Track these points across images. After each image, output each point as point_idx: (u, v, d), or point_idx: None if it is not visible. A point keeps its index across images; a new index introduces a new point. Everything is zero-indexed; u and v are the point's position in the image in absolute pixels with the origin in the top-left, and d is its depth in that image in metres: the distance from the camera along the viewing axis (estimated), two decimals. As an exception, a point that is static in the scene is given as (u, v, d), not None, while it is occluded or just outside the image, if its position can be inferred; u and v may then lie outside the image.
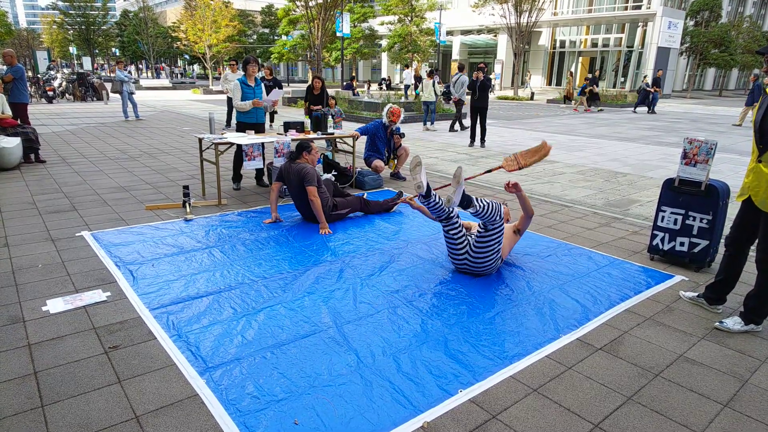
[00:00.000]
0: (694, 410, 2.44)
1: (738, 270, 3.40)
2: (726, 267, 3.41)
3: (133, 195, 6.22)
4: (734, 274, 3.40)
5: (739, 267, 3.39)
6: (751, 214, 3.18)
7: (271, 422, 2.26)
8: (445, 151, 10.38)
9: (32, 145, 8.03)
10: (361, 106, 17.06)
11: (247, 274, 3.87)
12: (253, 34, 49.58)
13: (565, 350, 2.94)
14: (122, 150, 9.54)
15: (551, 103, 25.52)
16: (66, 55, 59.42)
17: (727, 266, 3.40)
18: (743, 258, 3.37)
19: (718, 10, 34.81)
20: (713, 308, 3.49)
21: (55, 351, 2.79)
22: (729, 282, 3.42)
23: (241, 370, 2.64)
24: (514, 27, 28.15)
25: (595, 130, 14.42)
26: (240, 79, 6.49)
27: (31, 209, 5.52)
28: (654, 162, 9.44)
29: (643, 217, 5.74)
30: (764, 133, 2.98)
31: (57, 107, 18.36)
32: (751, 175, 3.11)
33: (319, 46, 20.81)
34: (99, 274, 3.82)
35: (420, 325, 3.16)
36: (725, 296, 3.48)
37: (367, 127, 7.32)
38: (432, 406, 2.40)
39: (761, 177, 3.02)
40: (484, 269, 3.87)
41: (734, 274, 3.40)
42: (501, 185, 7.21)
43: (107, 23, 54.74)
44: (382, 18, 35.77)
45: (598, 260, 4.37)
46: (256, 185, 6.93)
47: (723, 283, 3.44)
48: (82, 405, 2.35)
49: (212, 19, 30.07)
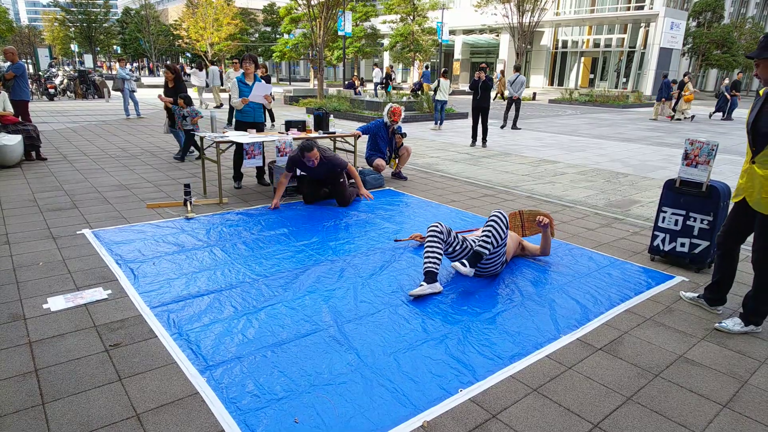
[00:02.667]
0: (694, 411, 2.44)
1: (732, 269, 3.41)
2: (719, 267, 3.44)
3: (134, 193, 6.23)
4: (729, 274, 3.42)
5: (732, 266, 3.40)
6: (743, 215, 3.20)
7: (271, 421, 2.26)
8: (447, 150, 10.38)
9: (33, 143, 8.04)
10: (363, 105, 17.07)
11: (248, 273, 3.87)
12: (254, 33, 49.56)
13: (565, 350, 2.94)
14: (123, 148, 9.54)
15: (553, 103, 25.50)
16: (67, 53, 59.43)
17: (720, 266, 3.43)
18: (735, 257, 3.40)
19: (720, 11, 34.78)
20: (713, 309, 3.49)
21: (56, 349, 2.80)
22: (725, 282, 3.44)
23: (242, 368, 2.65)
24: (516, 27, 28.13)
25: (597, 131, 14.42)
26: (238, 77, 6.50)
27: (32, 207, 5.53)
28: (655, 163, 9.44)
29: (643, 218, 5.73)
30: (757, 135, 3.01)
31: (58, 105, 18.37)
32: (745, 177, 3.14)
33: (321, 44, 20.78)
34: (100, 272, 3.83)
35: (420, 324, 3.17)
36: (725, 296, 3.49)
37: (368, 126, 7.32)
38: (432, 405, 2.40)
39: (755, 178, 3.04)
40: (487, 272, 3.87)
41: (729, 274, 3.42)
42: (501, 186, 7.21)
43: (109, 21, 54.71)
44: (384, 17, 35.76)
45: (599, 260, 4.37)
46: (257, 184, 6.93)
47: (720, 284, 3.45)
48: (83, 403, 2.36)
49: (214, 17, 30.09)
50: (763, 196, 2.99)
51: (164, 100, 8.54)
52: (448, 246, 3.72)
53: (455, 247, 3.74)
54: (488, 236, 3.63)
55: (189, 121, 8.14)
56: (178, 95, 8.15)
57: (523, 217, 4.49)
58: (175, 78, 8.56)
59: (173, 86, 8.53)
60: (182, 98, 8.09)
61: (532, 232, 4.46)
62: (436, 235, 3.65)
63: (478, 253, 3.63)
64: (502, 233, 3.67)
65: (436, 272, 3.58)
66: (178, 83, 8.53)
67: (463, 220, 5.40)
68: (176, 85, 8.51)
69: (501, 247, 3.74)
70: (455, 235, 3.75)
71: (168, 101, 8.43)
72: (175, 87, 8.48)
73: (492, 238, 3.63)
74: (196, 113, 8.17)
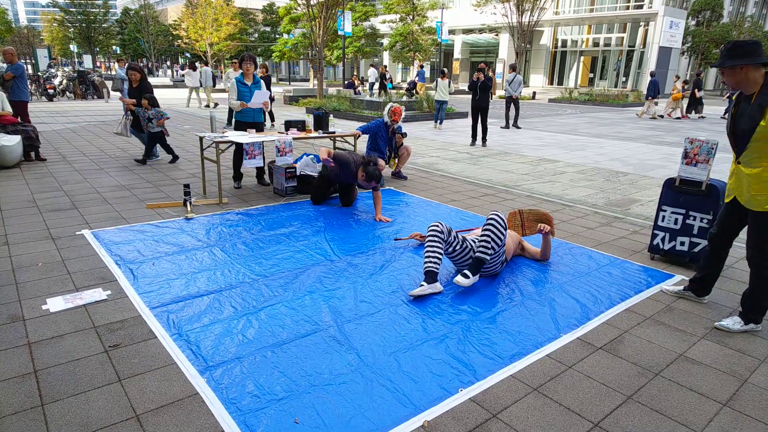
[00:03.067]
0: (694, 409, 2.44)
1: (719, 266, 3.51)
2: (708, 263, 3.51)
3: (133, 193, 6.22)
4: (716, 269, 3.51)
5: (720, 263, 3.50)
6: (733, 214, 3.28)
7: (271, 421, 2.26)
8: (447, 150, 10.37)
9: (32, 143, 8.03)
10: (363, 105, 17.07)
11: (248, 273, 3.87)
12: (254, 33, 49.55)
13: (566, 349, 2.94)
14: (123, 148, 9.54)
15: (552, 102, 25.50)
16: (66, 53, 59.39)
17: (709, 261, 3.50)
18: (724, 254, 3.48)
19: (719, 10, 34.78)
20: (700, 299, 3.61)
21: (55, 350, 2.79)
22: (712, 275, 3.53)
23: (242, 369, 2.64)
24: (515, 26, 28.12)
25: (596, 130, 14.42)
26: (237, 77, 6.48)
27: (32, 207, 5.53)
28: (655, 162, 9.44)
29: (643, 217, 5.73)
30: (737, 137, 3.10)
31: (57, 105, 18.36)
32: (733, 177, 3.22)
33: (320, 44, 20.77)
34: (99, 273, 3.83)
35: (420, 324, 3.16)
36: (710, 288, 3.59)
37: (368, 125, 7.32)
38: (432, 405, 2.40)
39: (742, 177, 3.11)
40: (487, 272, 3.86)
41: (716, 269, 3.51)
42: (501, 185, 7.21)
43: (108, 21, 54.69)
44: (383, 16, 35.76)
45: (599, 259, 4.37)
46: (257, 184, 6.93)
47: (706, 279, 3.55)
48: (82, 404, 2.36)
49: (213, 17, 30.07)
50: (753, 194, 3.05)
51: (126, 102, 8.18)
52: (448, 246, 3.71)
53: (455, 247, 3.73)
54: (488, 241, 3.62)
55: (155, 123, 7.90)
56: (142, 96, 7.85)
57: (523, 216, 4.49)
58: (141, 78, 8.19)
59: (137, 86, 8.12)
60: (147, 99, 7.80)
61: (532, 232, 4.45)
62: (437, 235, 3.65)
63: (479, 259, 3.62)
64: (501, 236, 3.66)
65: (436, 272, 3.57)
66: (143, 83, 8.16)
67: (463, 220, 5.40)
68: (141, 85, 8.12)
69: (500, 248, 3.74)
70: (455, 235, 3.75)
71: (130, 103, 8.04)
72: (140, 87, 8.10)
73: (492, 242, 3.62)
74: (161, 115, 7.95)
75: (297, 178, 6.32)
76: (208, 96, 18.88)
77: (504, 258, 3.91)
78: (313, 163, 6.74)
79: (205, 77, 18.33)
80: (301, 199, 6.14)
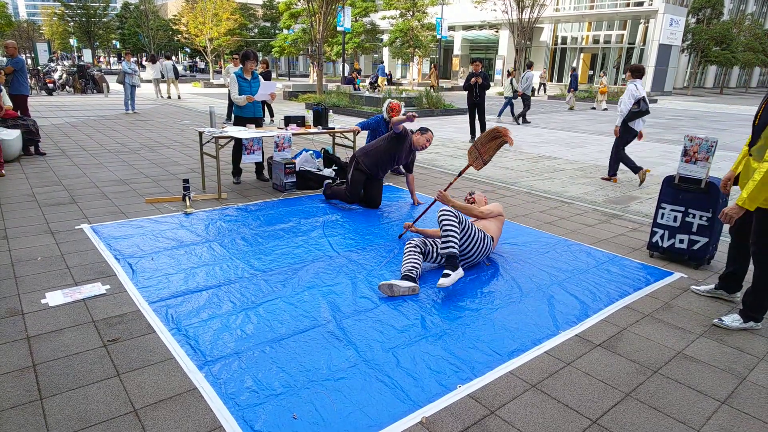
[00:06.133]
0: (693, 407, 2.44)
1: (746, 258, 3.45)
2: (732, 259, 3.50)
3: (132, 188, 6.21)
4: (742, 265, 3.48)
5: (746, 256, 3.43)
6: None
7: (269, 416, 2.26)
8: (446, 146, 10.36)
9: (32, 138, 8.02)
10: (362, 101, 17.03)
11: (247, 268, 3.87)
12: (254, 28, 49.38)
13: (564, 346, 2.94)
14: (122, 143, 9.52)
15: (552, 99, 25.46)
16: (66, 47, 59.21)
17: (734, 256, 3.48)
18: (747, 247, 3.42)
19: (719, 8, 34.72)
20: (732, 297, 3.58)
21: (54, 344, 2.79)
22: (742, 270, 3.50)
23: (240, 364, 2.64)
24: (515, 23, 28.05)
25: (596, 127, 14.40)
26: (236, 72, 6.46)
27: (31, 201, 5.52)
28: (654, 159, 9.43)
29: (642, 214, 5.73)
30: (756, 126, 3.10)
31: (57, 99, 18.31)
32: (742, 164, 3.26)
33: (320, 40, 20.70)
34: (98, 267, 3.82)
35: (419, 320, 3.16)
36: (741, 283, 3.56)
37: (368, 121, 7.30)
38: (431, 401, 2.40)
39: (749, 170, 3.13)
40: (475, 260, 3.96)
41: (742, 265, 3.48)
42: (500, 181, 7.20)
43: (108, 15, 54.48)
44: (383, 12, 35.64)
45: (598, 257, 4.37)
46: (256, 179, 6.92)
47: (736, 273, 3.51)
48: (81, 398, 2.36)
49: (213, 12, 29.93)
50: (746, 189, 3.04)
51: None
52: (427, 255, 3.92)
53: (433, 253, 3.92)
54: (446, 234, 3.58)
55: None
56: None
57: (478, 145, 4.52)
58: None
59: None
60: None
61: (493, 153, 4.54)
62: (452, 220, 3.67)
63: (449, 255, 3.55)
64: (455, 222, 3.63)
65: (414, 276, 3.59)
66: None
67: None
68: None
69: (466, 233, 3.76)
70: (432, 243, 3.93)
71: None
72: None
73: (451, 233, 3.58)
74: None
75: (297, 173, 6.31)
76: (169, 88, 19.53)
77: (487, 242, 3.94)
78: (313, 158, 6.73)
79: (165, 69, 19.02)
80: (301, 194, 6.13)
